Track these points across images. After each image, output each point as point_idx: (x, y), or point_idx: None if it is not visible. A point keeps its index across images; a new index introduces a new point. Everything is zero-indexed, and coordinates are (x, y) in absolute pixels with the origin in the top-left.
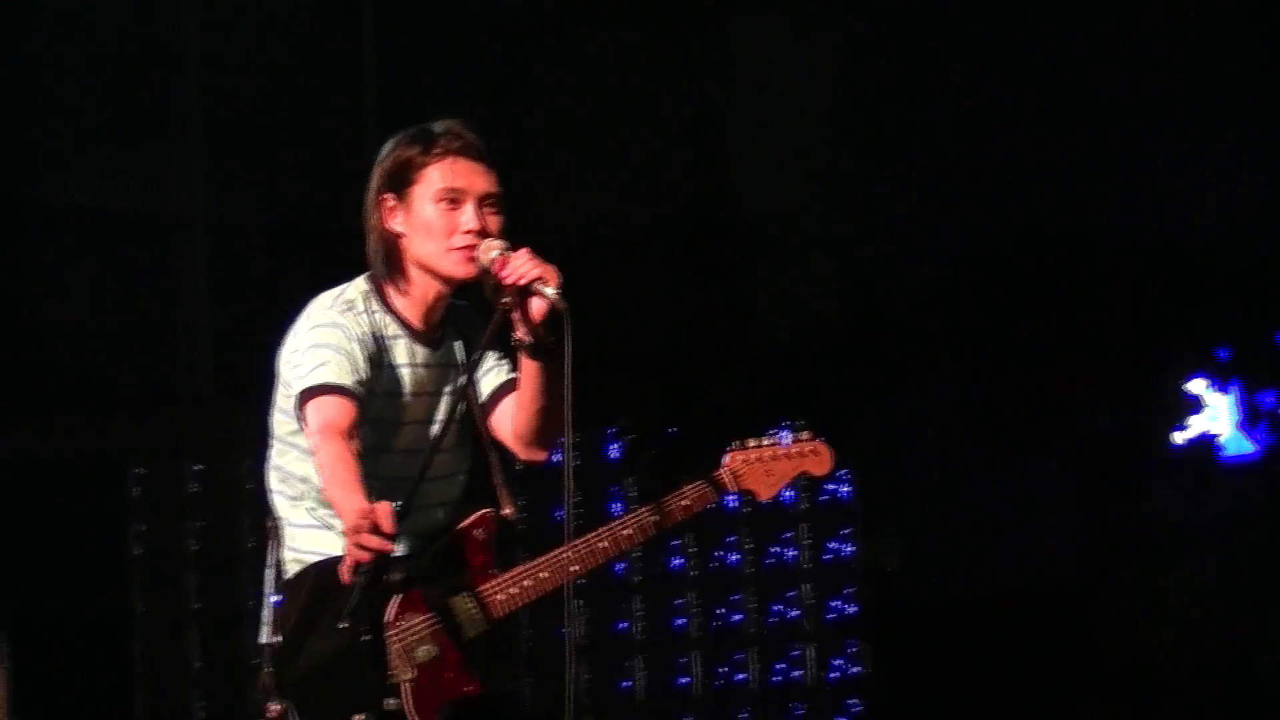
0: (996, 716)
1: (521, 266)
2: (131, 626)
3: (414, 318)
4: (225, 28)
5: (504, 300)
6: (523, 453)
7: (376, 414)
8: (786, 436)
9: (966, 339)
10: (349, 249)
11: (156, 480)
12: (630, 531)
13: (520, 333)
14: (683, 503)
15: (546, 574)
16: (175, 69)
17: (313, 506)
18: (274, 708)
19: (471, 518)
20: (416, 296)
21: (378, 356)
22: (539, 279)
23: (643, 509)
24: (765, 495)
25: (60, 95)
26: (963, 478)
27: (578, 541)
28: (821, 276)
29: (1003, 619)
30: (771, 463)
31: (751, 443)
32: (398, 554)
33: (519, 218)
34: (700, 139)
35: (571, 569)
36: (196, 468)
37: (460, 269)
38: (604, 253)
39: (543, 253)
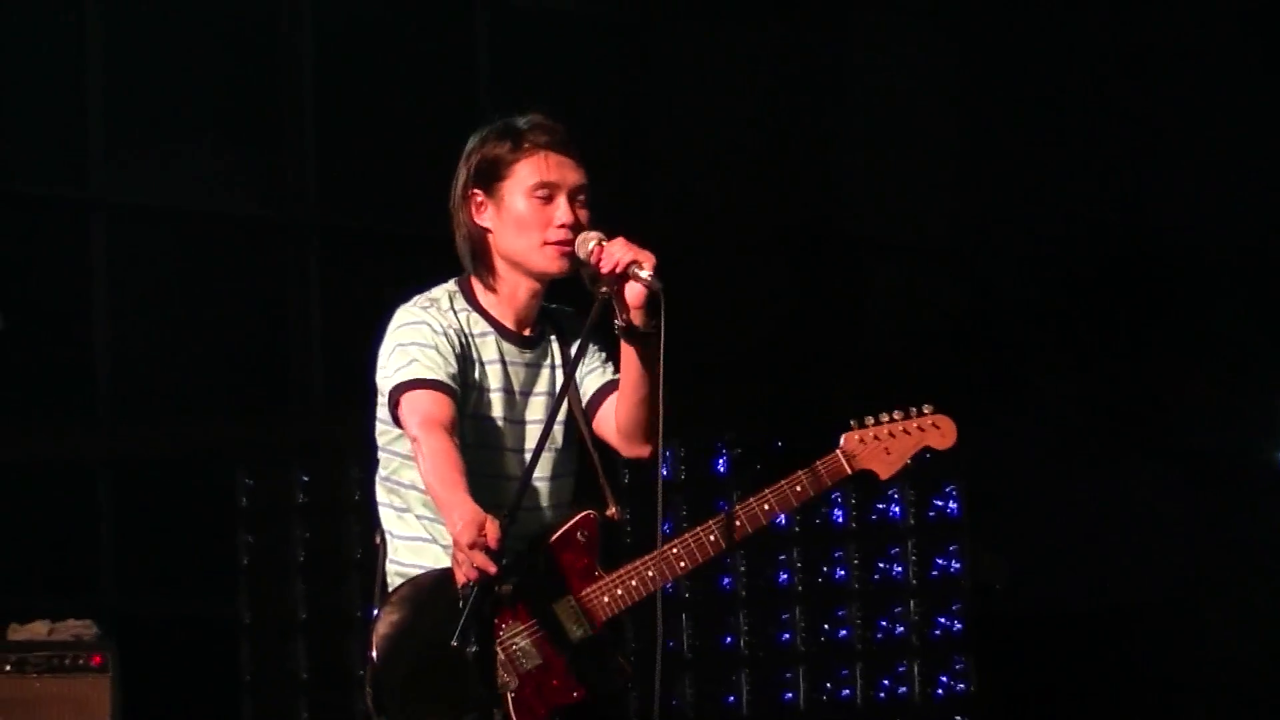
0: None
1: (617, 253)
2: (239, 635)
3: (504, 316)
4: (339, 37)
5: (602, 290)
6: (625, 449)
7: (473, 410)
8: (902, 414)
9: (1076, 350)
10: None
11: (265, 490)
12: (740, 522)
13: (620, 318)
14: (795, 488)
15: (653, 572)
16: (289, 78)
17: (421, 514)
18: None
19: (574, 520)
20: (505, 294)
21: (466, 351)
22: (634, 263)
23: (752, 499)
24: (885, 474)
25: (176, 104)
26: (1071, 491)
27: (686, 536)
28: (931, 286)
29: (1111, 634)
30: (890, 440)
31: (870, 420)
32: (512, 556)
33: (634, 225)
34: (812, 145)
35: (680, 565)
36: (305, 477)
37: (553, 264)
38: (713, 262)
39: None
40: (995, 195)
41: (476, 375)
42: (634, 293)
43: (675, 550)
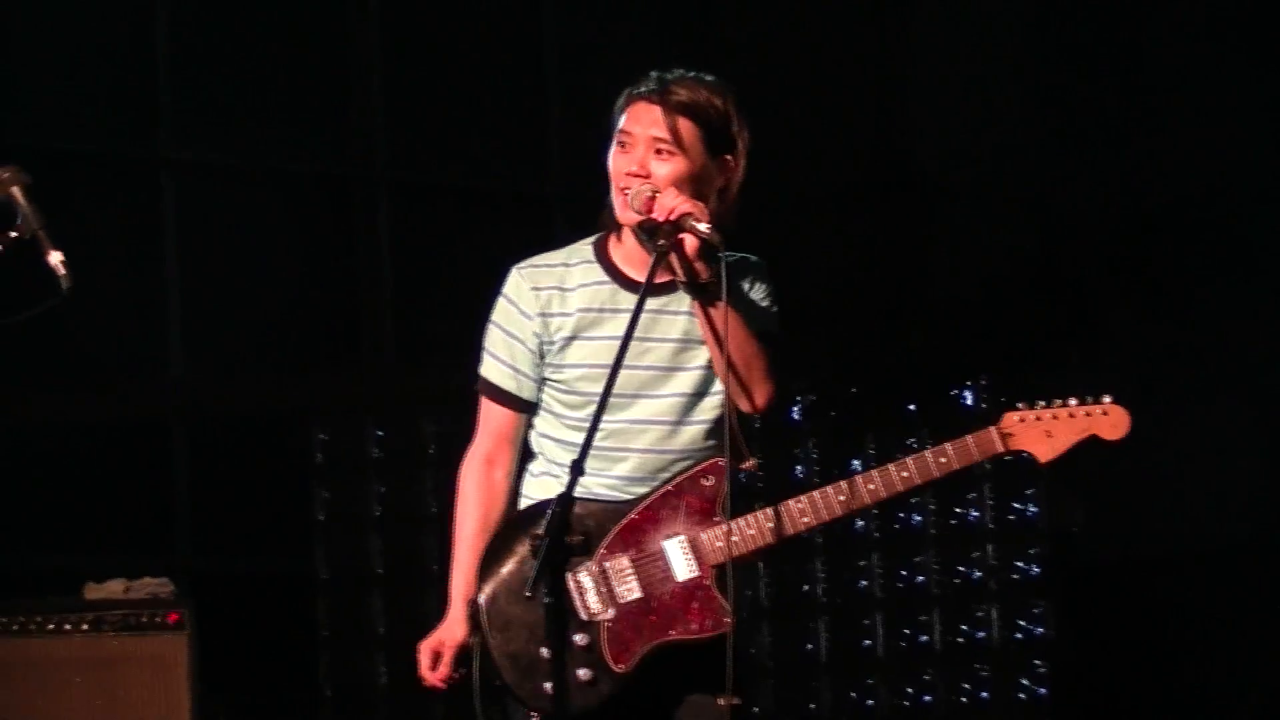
0: (1186, 681)
1: (669, 201)
2: (316, 591)
3: (631, 267)
4: None
5: (660, 243)
6: (741, 404)
7: (589, 359)
8: (1073, 401)
9: (1151, 292)
10: (529, 212)
11: (339, 444)
12: (874, 486)
13: (679, 273)
14: (940, 459)
15: (773, 524)
16: (357, 33)
17: (546, 460)
18: (470, 640)
19: (701, 465)
20: (631, 244)
21: (561, 312)
22: (688, 214)
23: (891, 465)
24: (1045, 457)
25: (245, 62)
26: (1149, 434)
27: (814, 493)
28: (1003, 231)
29: (1193, 579)
30: (1053, 423)
31: (1040, 404)
32: (630, 495)
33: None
34: (882, 93)
35: (802, 520)
36: (379, 432)
37: (621, 215)
38: (784, 212)
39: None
40: (1067, 138)
41: (589, 325)
42: (691, 244)
43: (800, 505)
